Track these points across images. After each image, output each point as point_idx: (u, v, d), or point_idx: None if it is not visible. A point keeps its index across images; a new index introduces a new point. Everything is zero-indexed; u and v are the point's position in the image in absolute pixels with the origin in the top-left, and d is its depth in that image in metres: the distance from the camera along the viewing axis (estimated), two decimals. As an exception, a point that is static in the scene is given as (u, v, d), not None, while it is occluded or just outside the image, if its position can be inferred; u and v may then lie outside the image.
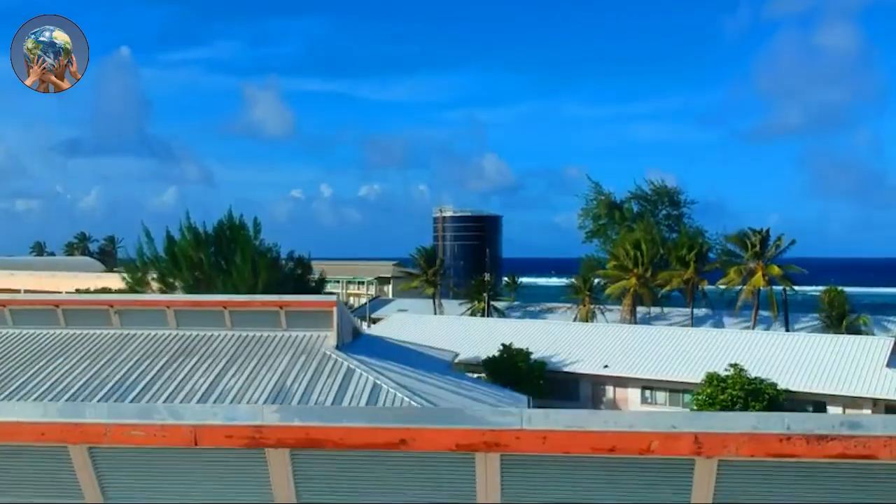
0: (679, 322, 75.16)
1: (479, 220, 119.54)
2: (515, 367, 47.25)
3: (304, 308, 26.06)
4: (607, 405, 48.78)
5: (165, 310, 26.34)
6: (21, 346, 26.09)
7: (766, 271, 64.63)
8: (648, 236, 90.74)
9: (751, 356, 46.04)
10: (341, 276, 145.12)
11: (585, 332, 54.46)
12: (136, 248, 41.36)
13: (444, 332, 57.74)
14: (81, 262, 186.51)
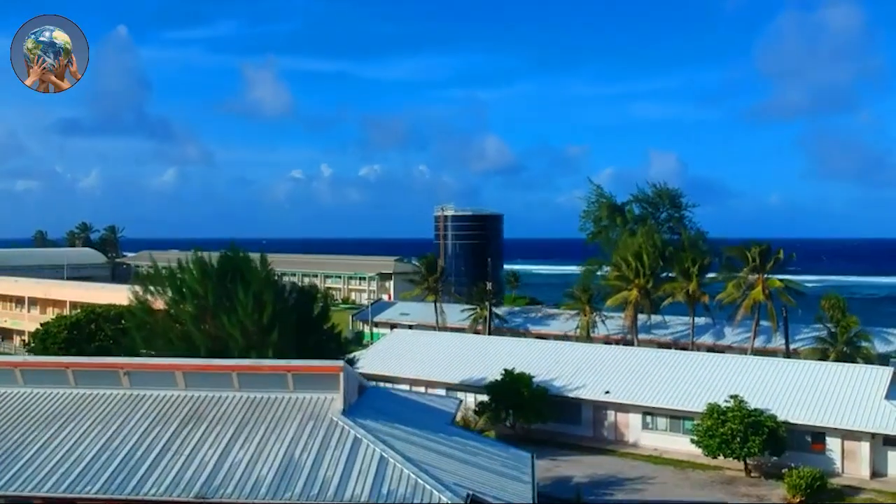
0: (680, 332, 75.71)
1: (481, 219, 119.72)
2: (518, 393, 47.62)
3: (311, 372, 26.42)
4: (609, 429, 49.29)
5: (174, 373, 26.70)
6: (34, 408, 26.50)
7: (766, 285, 64.90)
8: (650, 241, 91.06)
9: (751, 384, 46.46)
10: (343, 271, 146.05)
11: (586, 354, 54.81)
12: (145, 275, 41.53)
13: (445, 352, 58.24)
14: (83, 253, 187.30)
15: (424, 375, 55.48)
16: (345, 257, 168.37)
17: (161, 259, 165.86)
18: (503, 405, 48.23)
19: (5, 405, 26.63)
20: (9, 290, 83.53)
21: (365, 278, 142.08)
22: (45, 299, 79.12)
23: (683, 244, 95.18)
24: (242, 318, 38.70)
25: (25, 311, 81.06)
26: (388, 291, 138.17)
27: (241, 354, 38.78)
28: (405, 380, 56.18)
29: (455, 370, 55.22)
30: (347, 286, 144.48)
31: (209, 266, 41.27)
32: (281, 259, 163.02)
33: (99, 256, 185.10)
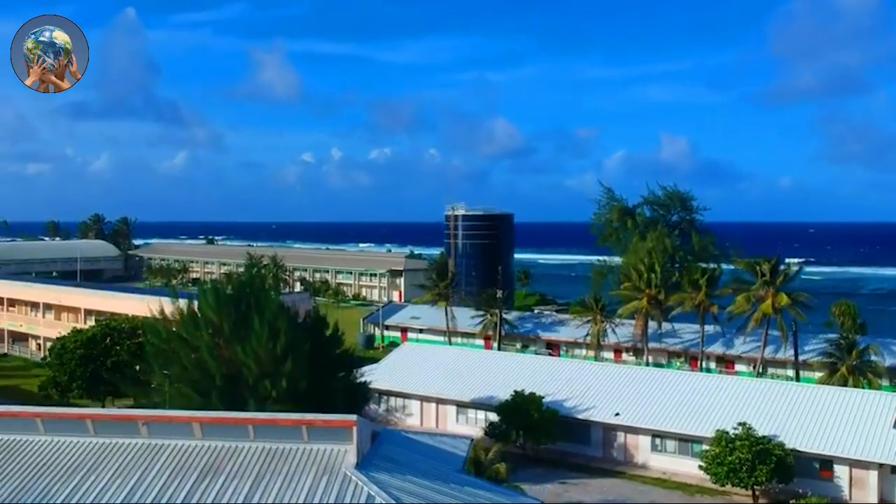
0: (690, 341, 75.98)
1: (491, 218, 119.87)
2: (528, 414, 48.12)
3: (325, 425, 26.88)
4: (618, 450, 49.77)
5: (192, 424, 27.21)
6: (56, 458, 27.05)
7: (775, 299, 65.07)
8: (660, 245, 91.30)
9: (759, 409, 46.83)
10: (354, 267, 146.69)
11: (596, 373, 55.21)
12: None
13: (455, 368, 58.73)
14: (96, 245, 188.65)
15: (436, 393, 56.06)
16: (356, 253, 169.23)
17: (171, 252, 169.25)
18: (513, 426, 48.76)
19: (29, 455, 27.24)
20: (24, 295, 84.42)
21: (376, 275, 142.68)
22: (60, 305, 79.99)
23: (694, 248, 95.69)
24: (256, 347, 39.36)
25: (40, 317, 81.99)
26: (398, 288, 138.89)
27: (254, 382, 39.56)
28: (417, 396, 56.82)
29: (466, 387, 55.74)
30: (358, 282, 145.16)
31: (223, 293, 41.94)
32: (292, 254, 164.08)
33: (112, 249, 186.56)
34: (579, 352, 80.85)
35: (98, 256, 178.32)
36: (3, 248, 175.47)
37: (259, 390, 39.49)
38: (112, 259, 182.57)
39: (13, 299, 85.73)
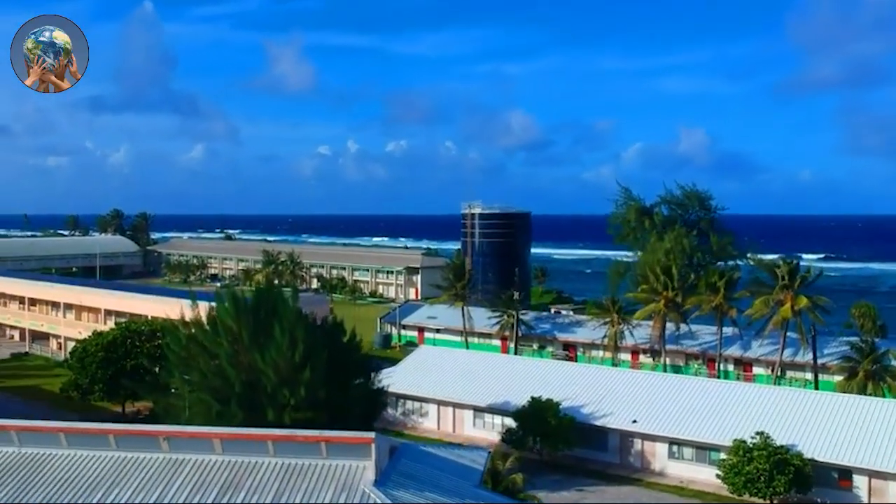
0: (707, 343, 75.66)
1: (508, 217, 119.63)
2: (544, 421, 48.19)
3: (343, 442, 27.08)
4: (635, 457, 49.76)
5: (212, 440, 27.49)
6: (79, 472, 27.43)
7: (794, 302, 64.69)
8: (679, 246, 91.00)
9: (777, 417, 46.67)
10: (371, 265, 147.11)
11: (613, 379, 55.14)
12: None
13: (472, 372, 58.84)
14: (116, 241, 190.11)
15: (453, 397, 56.25)
16: (373, 250, 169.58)
17: (189, 248, 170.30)
18: (530, 433, 48.85)
19: (52, 469, 27.63)
20: (45, 295, 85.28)
21: (392, 272, 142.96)
22: (80, 305, 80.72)
23: (712, 248, 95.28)
24: (275, 356, 39.62)
25: (61, 316, 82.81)
26: (415, 285, 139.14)
27: (273, 390, 39.84)
28: (434, 401, 57.03)
29: (483, 392, 55.89)
30: (375, 279, 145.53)
31: (242, 301, 42.21)
32: (309, 251, 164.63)
33: (130, 245, 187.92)
34: (596, 353, 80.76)
35: (117, 252, 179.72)
36: (24, 245, 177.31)
37: (277, 398, 39.77)
38: (131, 255, 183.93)
39: (34, 299, 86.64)
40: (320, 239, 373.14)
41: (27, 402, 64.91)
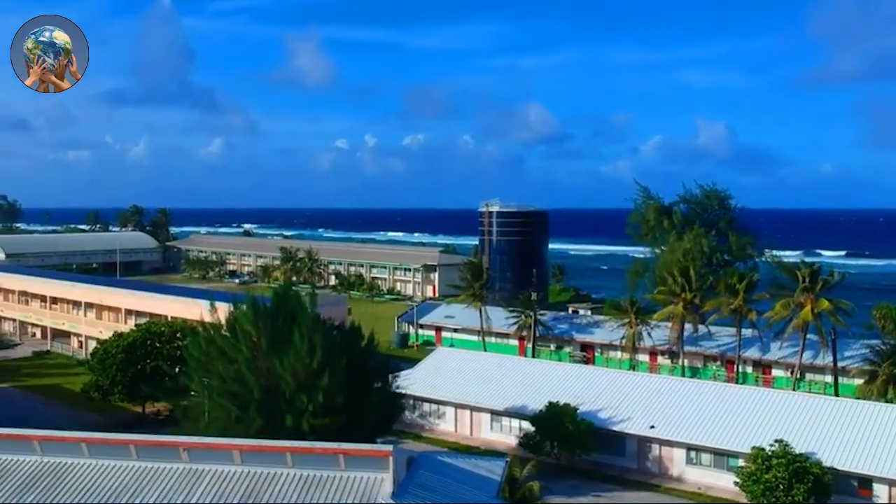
0: (726, 344, 75.19)
1: (526, 215, 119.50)
2: (562, 426, 48.15)
3: (361, 455, 27.22)
4: (653, 462, 49.62)
5: (231, 452, 27.71)
6: (101, 481, 27.75)
7: (815, 305, 64.20)
8: (698, 246, 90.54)
9: (796, 424, 46.40)
10: (388, 262, 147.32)
11: (631, 383, 54.92)
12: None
13: (489, 375, 58.86)
14: (135, 237, 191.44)
15: (471, 401, 56.31)
16: (390, 247, 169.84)
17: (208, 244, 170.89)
18: (548, 438, 48.83)
19: (75, 477, 27.97)
20: (66, 294, 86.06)
21: (410, 269, 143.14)
22: (101, 305, 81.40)
23: (732, 248, 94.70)
24: (294, 362, 39.76)
25: (82, 315, 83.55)
26: (432, 283, 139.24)
27: (291, 395, 39.99)
28: (451, 403, 57.11)
29: (500, 395, 55.90)
30: (393, 276, 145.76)
31: (261, 306, 42.39)
32: (327, 248, 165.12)
33: (150, 241, 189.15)
34: (614, 354, 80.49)
35: (137, 248, 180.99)
36: (46, 241, 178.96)
37: (296, 404, 39.88)
38: (150, 251, 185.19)
39: (56, 297, 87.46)
40: (336, 234, 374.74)
41: (48, 402, 65.61)
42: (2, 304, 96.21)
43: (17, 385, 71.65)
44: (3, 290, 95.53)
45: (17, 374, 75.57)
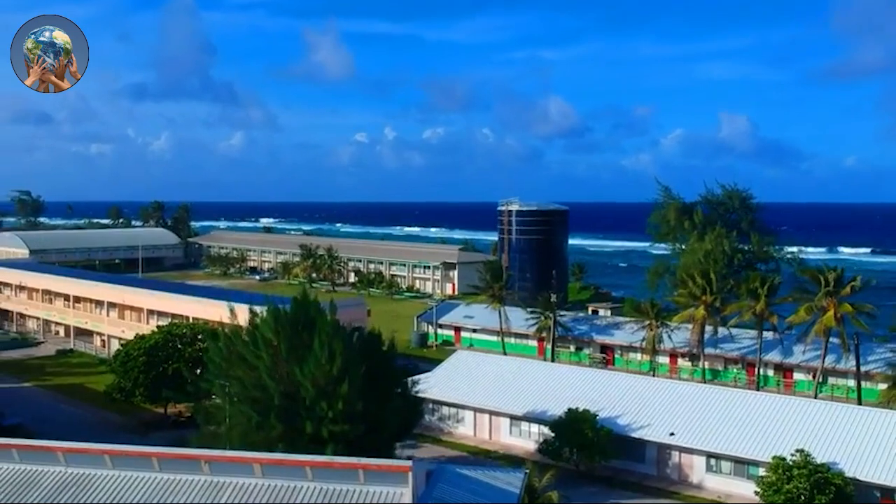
0: (747, 347, 74.70)
1: (546, 214, 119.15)
2: (581, 433, 48.06)
3: (381, 469, 27.30)
4: (673, 469, 49.43)
5: (252, 465, 27.90)
6: (124, 493, 28.04)
7: (838, 309, 63.58)
8: (719, 247, 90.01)
9: (818, 433, 46.06)
10: (408, 260, 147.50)
11: (651, 389, 54.64)
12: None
13: (508, 379, 58.85)
14: (157, 233, 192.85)
15: (490, 405, 56.32)
16: (410, 245, 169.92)
17: (229, 240, 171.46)
18: (567, 444, 48.78)
19: (98, 488, 28.27)
20: (90, 294, 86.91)
21: (429, 267, 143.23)
22: (123, 304, 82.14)
23: (753, 249, 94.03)
24: (314, 369, 39.96)
25: (105, 314, 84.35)
26: (452, 281, 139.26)
27: (311, 403, 40.21)
28: (470, 408, 57.15)
29: (519, 399, 55.86)
30: (412, 274, 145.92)
31: (282, 314, 42.62)
32: (347, 245, 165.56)
33: (172, 237, 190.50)
34: (634, 356, 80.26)
35: (159, 244, 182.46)
36: (69, 237, 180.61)
37: (316, 410, 40.12)
38: (172, 247, 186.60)
39: (79, 297, 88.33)
40: (353, 228, 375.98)
41: (71, 402, 66.33)
42: (26, 302, 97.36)
43: (41, 384, 72.50)
44: (28, 289, 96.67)
45: (40, 373, 76.48)
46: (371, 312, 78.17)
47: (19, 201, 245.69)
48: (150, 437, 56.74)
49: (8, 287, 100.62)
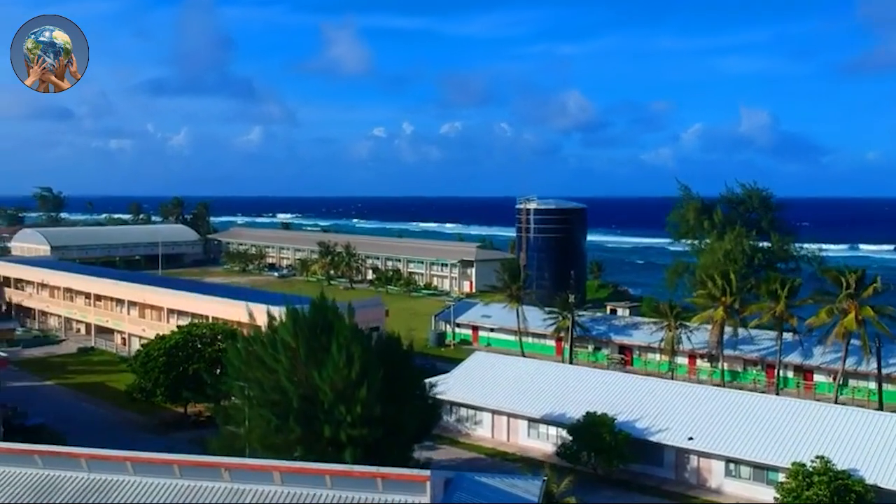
0: (766, 348, 74.20)
1: (564, 212, 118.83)
2: (599, 437, 48.00)
3: (399, 479, 27.42)
4: (691, 474, 49.27)
5: (272, 473, 28.10)
6: (144, 498, 28.33)
7: (859, 312, 63.05)
8: (739, 247, 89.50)
9: (838, 439, 45.75)
10: (425, 257, 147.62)
11: (670, 392, 54.42)
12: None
13: (526, 381, 58.85)
14: (177, 230, 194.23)
15: (507, 407, 56.34)
16: (428, 242, 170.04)
17: (248, 237, 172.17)
18: (584, 447, 48.73)
19: (120, 494, 28.59)
20: (111, 292, 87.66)
21: (447, 265, 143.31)
22: (144, 303, 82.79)
23: (773, 249, 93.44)
24: (332, 374, 40.13)
25: (125, 313, 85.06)
26: (469, 279, 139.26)
27: (330, 406, 40.37)
28: (488, 409, 57.20)
29: (537, 402, 55.83)
30: (430, 271, 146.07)
31: (301, 317, 42.81)
32: (365, 242, 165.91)
33: (192, 234, 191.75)
34: (652, 356, 79.97)
35: (179, 241, 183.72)
36: (90, 234, 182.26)
37: (334, 414, 40.27)
38: (192, 243, 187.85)
39: (100, 295, 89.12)
40: (371, 224, 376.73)
41: (93, 401, 66.99)
42: (48, 300, 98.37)
43: (63, 382, 73.27)
44: (49, 287, 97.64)
45: (62, 372, 77.29)
46: (389, 312, 78.40)
47: (41, 197, 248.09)
48: (170, 436, 57.34)
49: (30, 285, 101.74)
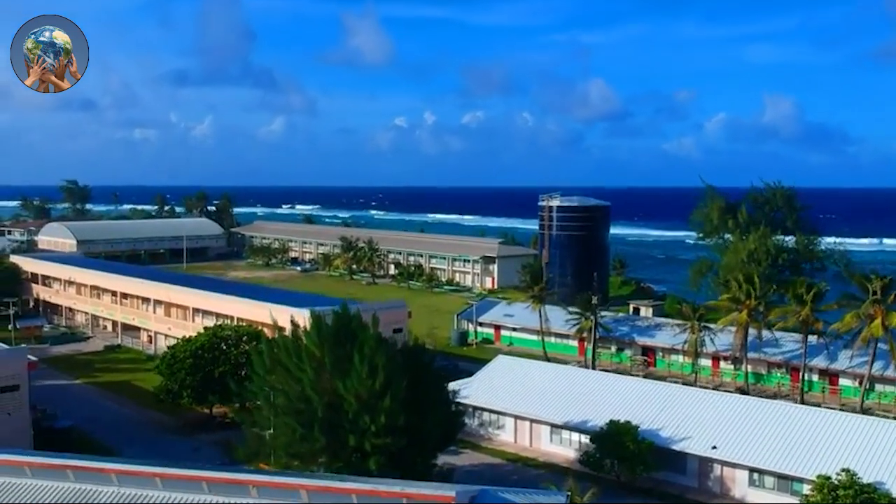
0: (791, 352, 73.62)
1: (587, 210, 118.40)
2: (622, 445, 48.02)
3: (425, 499, 27.63)
4: (714, 482, 49.18)
5: (299, 491, 28.42)
6: (172, 516, 28.76)
7: (886, 318, 62.45)
8: (763, 247, 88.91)
9: (863, 450, 45.44)
10: (447, 253, 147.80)
11: (693, 400, 54.19)
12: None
13: (549, 387, 58.89)
14: (201, 223, 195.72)
15: (530, 413, 56.44)
16: (450, 237, 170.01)
17: (271, 231, 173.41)
18: (607, 455, 48.78)
19: (148, 511, 29.03)
20: (137, 291, 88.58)
21: (469, 261, 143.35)
22: (169, 302, 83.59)
23: (798, 249, 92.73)
24: (356, 384, 40.44)
25: (151, 311, 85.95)
26: (492, 275, 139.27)
27: (354, 416, 40.73)
28: (511, 415, 57.35)
29: (560, 408, 55.89)
30: (452, 267, 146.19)
31: (325, 326, 43.14)
32: (387, 237, 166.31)
33: (215, 227, 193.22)
34: (676, 358, 79.68)
35: (203, 235, 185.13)
36: (116, 228, 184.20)
37: (359, 424, 40.64)
38: (216, 237, 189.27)
39: (126, 293, 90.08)
40: (389, 216, 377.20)
41: (120, 400, 67.84)
42: (75, 297, 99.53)
43: (90, 381, 74.21)
44: (76, 284, 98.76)
45: (89, 370, 78.29)
46: (411, 313, 78.49)
47: (67, 190, 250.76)
48: (195, 437, 58.05)
49: (57, 281, 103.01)
